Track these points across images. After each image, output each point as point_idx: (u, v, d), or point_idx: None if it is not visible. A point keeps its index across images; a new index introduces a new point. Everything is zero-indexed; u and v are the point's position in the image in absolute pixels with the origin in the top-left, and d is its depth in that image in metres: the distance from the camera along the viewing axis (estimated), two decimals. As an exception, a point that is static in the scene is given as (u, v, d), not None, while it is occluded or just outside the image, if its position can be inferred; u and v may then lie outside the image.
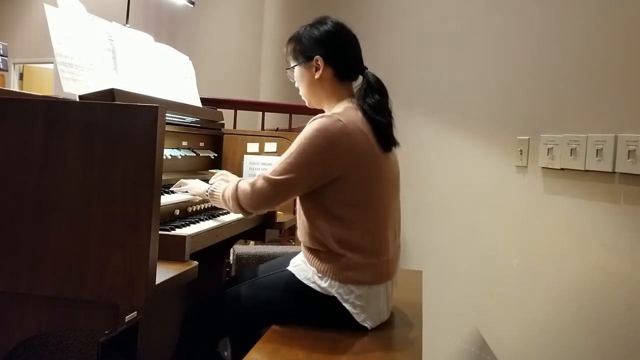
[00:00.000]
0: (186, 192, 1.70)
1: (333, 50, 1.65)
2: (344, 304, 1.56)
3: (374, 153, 1.57)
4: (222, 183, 1.65)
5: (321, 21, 1.68)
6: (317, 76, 1.65)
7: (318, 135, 1.51)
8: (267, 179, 1.52)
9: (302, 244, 1.66)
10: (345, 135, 1.51)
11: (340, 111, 1.57)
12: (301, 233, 1.64)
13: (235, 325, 1.71)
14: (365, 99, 1.60)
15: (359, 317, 1.57)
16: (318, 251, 1.58)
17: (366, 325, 1.59)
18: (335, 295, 1.56)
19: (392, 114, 1.64)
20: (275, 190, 1.52)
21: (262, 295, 1.65)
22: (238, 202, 1.55)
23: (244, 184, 1.55)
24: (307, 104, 1.75)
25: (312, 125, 1.54)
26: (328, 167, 1.52)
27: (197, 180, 1.74)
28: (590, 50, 1.76)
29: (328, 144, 1.51)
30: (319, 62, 1.64)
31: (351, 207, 1.56)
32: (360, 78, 1.66)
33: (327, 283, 1.56)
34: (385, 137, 1.60)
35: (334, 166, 1.52)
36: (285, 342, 1.49)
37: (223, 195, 1.60)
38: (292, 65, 1.72)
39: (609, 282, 1.65)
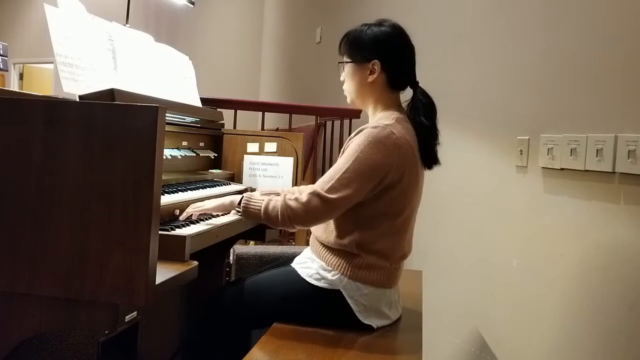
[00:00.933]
0: (204, 215, 1.63)
1: (392, 58, 1.63)
2: (348, 300, 1.56)
3: (417, 167, 1.59)
4: (256, 196, 1.59)
5: (385, 24, 1.66)
6: (370, 79, 1.63)
7: (373, 148, 1.49)
8: (321, 198, 1.47)
9: (314, 237, 1.64)
10: (397, 149, 1.52)
11: (391, 123, 1.55)
12: (320, 229, 1.63)
13: (237, 323, 1.70)
14: (420, 117, 1.60)
15: (361, 315, 1.57)
16: (332, 247, 1.58)
17: (365, 322, 1.59)
18: (341, 290, 1.56)
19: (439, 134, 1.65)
20: (330, 209, 1.49)
21: (263, 292, 1.65)
22: (290, 220, 1.50)
23: (294, 203, 1.49)
24: (348, 101, 1.73)
25: (365, 137, 1.51)
26: (380, 180, 1.52)
27: (211, 200, 1.68)
28: (590, 50, 1.76)
29: (382, 158, 1.50)
30: (376, 66, 1.62)
31: (385, 217, 1.56)
32: (410, 90, 1.66)
33: (336, 277, 1.56)
34: (432, 158, 1.63)
35: (385, 180, 1.52)
36: (286, 341, 1.49)
37: (266, 211, 1.53)
38: (345, 60, 1.69)
39: (609, 282, 1.65)
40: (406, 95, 1.72)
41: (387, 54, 1.62)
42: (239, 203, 1.60)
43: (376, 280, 1.57)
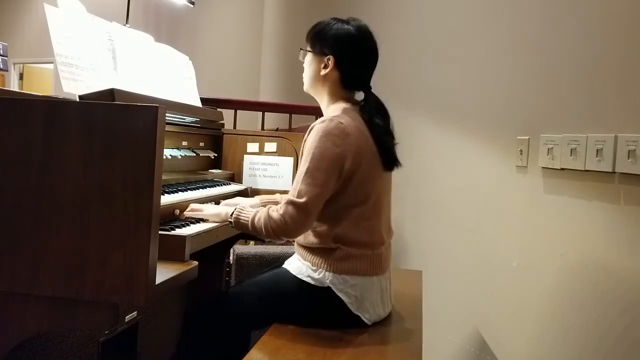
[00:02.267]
0: (201, 218, 1.66)
1: (347, 57, 1.65)
2: (338, 294, 1.57)
3: (372, 152, 1.60)
4: (247, 209, 1.62)
5: (351, 24, 1.68)
6: (322, 73, 1.67)
7: (326, 141, 1.53)
8: (294, 205, 1.51)
9: (295, 242, 1.68)
10: (348, 136, 1.55)
11: (338, 114, 1.59)
12: None
13: (233, 326, 1.70)
14: (373, 118, 1.62)
15: (353, 307, 1.59)
16: (312, 247, 1.61)
17: (360, 315, 1.60)
18: (330, 285, 1.58)
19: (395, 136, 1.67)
20: (306, 213, 1.51)
21: (259, 294, 1.66)
22: (274, 232, 1.53)
23: (275, 214, 1.52)
24: (304, 88, 1.77)
25: (316, 133, 1.55)
26: (341, 168, 1.54)
27: (211, 205, 1.72)
28: (590, 50, 1.76)
29: (336, 148, 1.53)
30: (330, 62, 1.66)
31: (352, 206, 1.59)
32: (362, 94, 1.69)
33: (322, 275, 1.58)
34: (391, 159, 1.65)
35: (345, 166, 1.55)
36: (286, 341, 1.49)
37: (253, 224, 1.57)
38: (306, 49, 1.73)
39: (609, 282, 1.65)
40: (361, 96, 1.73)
41: (343, 53, 1.65)
42: (231, 215, 1.62)
43: (361, 269, 1.59)
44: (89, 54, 1.66)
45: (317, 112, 3.59)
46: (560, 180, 1.85)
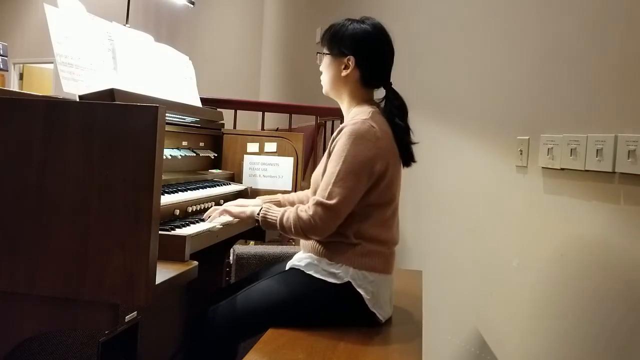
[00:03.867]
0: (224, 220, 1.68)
1: (367, 56, 1.67)
2: (358, 289, 1.58)
3: (396, 153, 1.65)
4: (274, 208, 1.63)
5: (367, 22, 1.69)
6: (343, 74, 1.68)
7: (359, 144, 1.54)
8: (324, 206, 1.52)
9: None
10: (379, 140, 1.57)
11: (368, 117, 1.60)
12: None
13: (240, 332, 1.67)
14: (394, 119, 1.66)
15: (370, 303, 1.60)
16: (332, 242, 1.60)
17: (375, 313, 1.61)
18: (350, 280, 1.58)
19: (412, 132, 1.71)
20: (335, 215, 1.53)
21: (267, 299, 1.62)
22: (303, 232, 1.55)
23: (305, 215, 1.54)
24: (323, 91, 1.78)
25: (348, 136, 1.55)
26: (371, 171, 1.56)
27: (233, 206, 1.71)
28: (590, 50, 1.76)
29: (368, 152, 1.55)
30: (350, 62, 1.66)
31: (377, 206, 1.61)
32: (383, 90, 1.71)
33: (342, 269, 1.58)
34: (409, 156, 1.69)
35: (375, 170, 1.57)
36: (286, 342, 1.49)
37: (281, 224, 1.58)
38: (324, 52, 1.74)
39: (609, 282, 1.65)
40: (379, 94, 1.75)
41: (362, 51, 1.66)
42: (258, 213, 1.64)
43: (378, 266, 1.61)
44: (89, 54, 1.66)
45: (317, 112, 3.60)
46: (560, 180, 1.85)
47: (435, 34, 2.69)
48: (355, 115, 1.63)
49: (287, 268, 1.69)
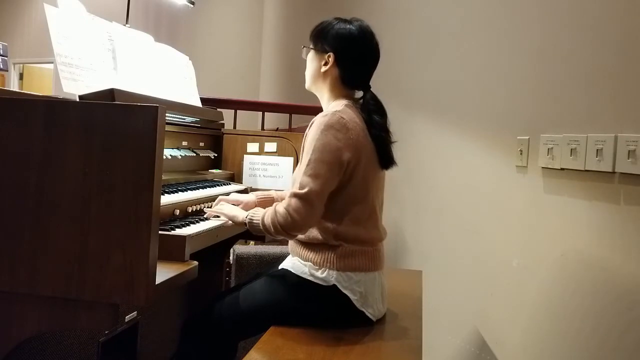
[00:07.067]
0: (218, 216, 1.71)
1: (347, 56, 1.68)
2: (344, 291, 1.58)
3: (371, 149, 1.62)
4: (258, 210, 1.64)
5: (353, 23, 1.70)
6: (323, 69, 1.69)
7: (327, 134, 1.54)
8: (297, 196, 1.52)
9: (293, 242, 1.67)
10: (349, 131, 1.57)
11: (340, 109, 1.61)
12: None
13: (233, 332, 1.68)
14: (372, 115, 1.65)
15: (358, 303, 1.59)
16: (313, 245, 1.61)
17: (364, 311, 1.60)
18: (335, 283, 1.58)
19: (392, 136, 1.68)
20: (309, 204, 1.52)
21: (259, 298, 1.64)
22: (282, 228, 1.54)
23: (280, 209, 1.54)
24: (306, 86, 1.80)
25: (317, 127, 1.56)
26: (342, 161, 1.56)
27: (230, 206, 1.75)
28: (590, 50, 1.76)
29: (337, 141, 1.55)
30: (330, 59, 1.68)
31: (351, 204, 1.60)
32: (361, 92, 1.71)
33: (325, 273, 1.59)
34: (388, 158, 1.67)
35: (344, 160, 1.56)
36: (285, 341, 1.49)
37: (263, 224, 1.58)
38: (309, 46, 1.76)
39: (609, 282, 1.65)
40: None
41: (343, 51, 1.68)
42: (246, 218, 1.64)
43: (363, 265, 1.61)
44: (88, 54, 1.66)
45: (317, 112, 3.59)
46: (560, 180, 1.85)
47: (435, 34, 2.69)
48: (329, 109, 1.64)
49: (280, 268, 1.69)
